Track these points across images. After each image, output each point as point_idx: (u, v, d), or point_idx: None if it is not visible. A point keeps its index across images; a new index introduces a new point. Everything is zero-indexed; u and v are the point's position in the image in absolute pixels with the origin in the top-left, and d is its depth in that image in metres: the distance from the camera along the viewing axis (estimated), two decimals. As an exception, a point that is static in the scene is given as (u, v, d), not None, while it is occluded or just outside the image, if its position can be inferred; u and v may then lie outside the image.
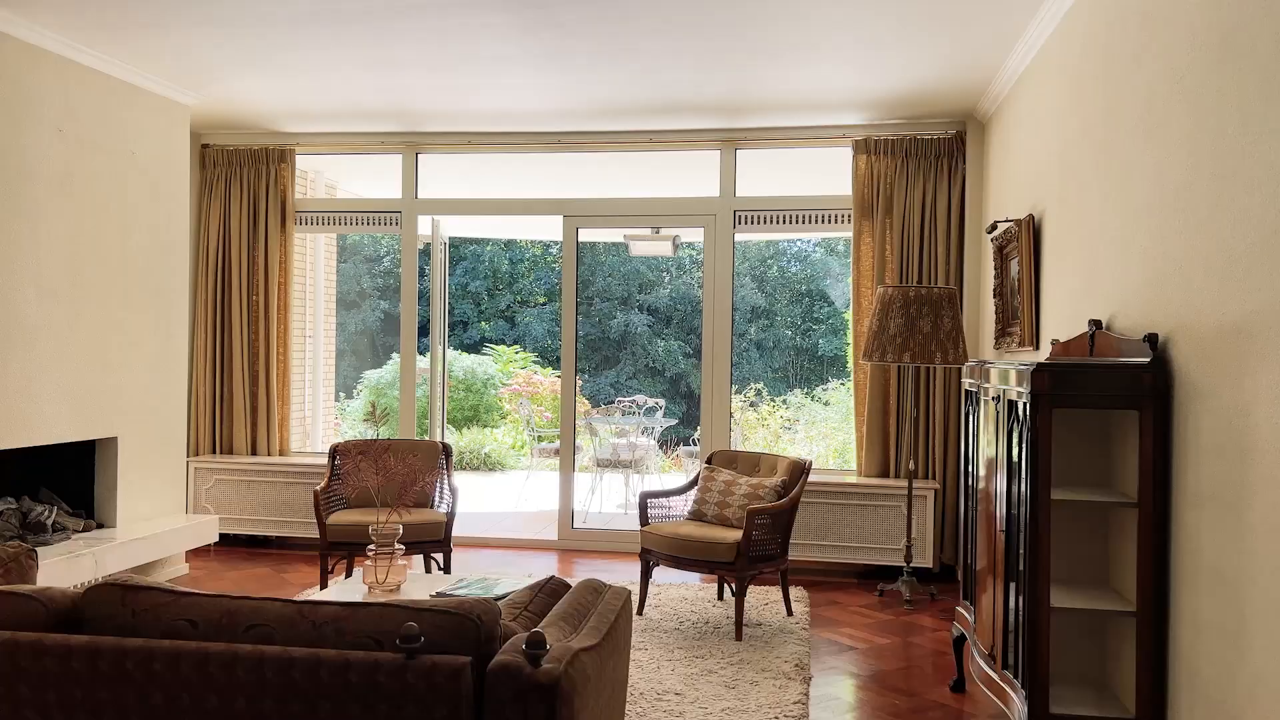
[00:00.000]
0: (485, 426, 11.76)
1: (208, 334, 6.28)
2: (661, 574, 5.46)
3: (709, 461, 4.99)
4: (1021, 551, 2.68)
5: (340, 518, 4.74)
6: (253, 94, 5.48)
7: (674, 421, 9.61)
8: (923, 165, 5.70)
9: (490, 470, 10.53)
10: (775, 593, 5.08)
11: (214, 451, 6.32)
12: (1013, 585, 2.79)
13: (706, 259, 6.13)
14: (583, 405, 12.78)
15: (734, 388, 6.46)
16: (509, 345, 15.17)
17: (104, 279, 4.82)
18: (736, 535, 4.36)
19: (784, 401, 12.77)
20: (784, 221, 6.03)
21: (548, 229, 9.43)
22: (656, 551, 4.54)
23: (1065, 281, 3.69)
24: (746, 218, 6.06)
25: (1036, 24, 4.05)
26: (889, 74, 4.89)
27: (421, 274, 6.70)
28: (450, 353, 12.07)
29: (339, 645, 1.73)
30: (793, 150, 6.07)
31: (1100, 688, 2.93)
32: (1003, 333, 4.57)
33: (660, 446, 9.72)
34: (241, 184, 6.31)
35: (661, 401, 9.16)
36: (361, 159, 6.66)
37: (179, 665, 1.64)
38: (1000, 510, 2.96)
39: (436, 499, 5.16)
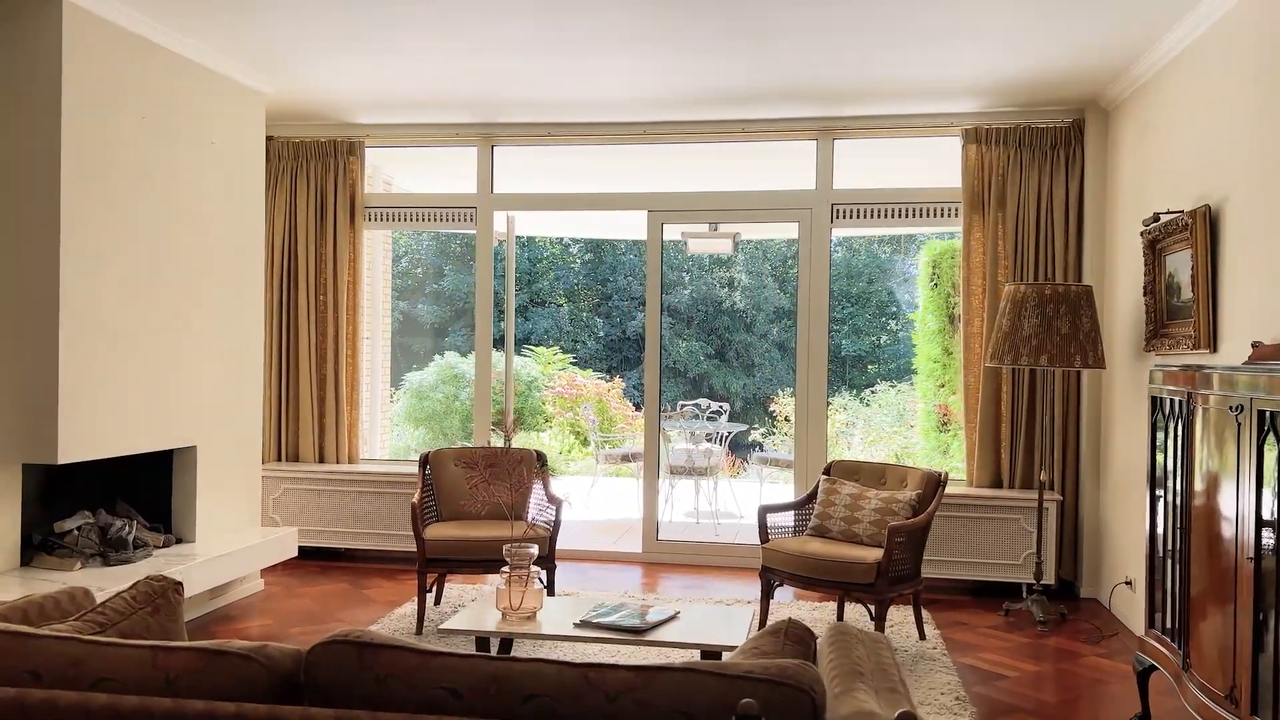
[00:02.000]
0: (531, 430, 11.45)
1: (273, 336, 5.96)
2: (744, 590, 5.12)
3: (827, 472, 4.65)
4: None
5: (438, 532, 4.42)
6: (328, 82, 5.16)
7: (743, 427, 9.28)
8: (1037, 156, 5.36)
9: (540, 476, 10.20)
10: (895, 613, 4.74)
11: (279, 459, 6.01)
12: (1272, 618, 2.46)
13: (802, 256, 5.80)
14: (628, 409, 12.47)
15: (789, 390, 6.15)
16: (542, 346, 14.85)
17: (182, 277, 4.50)
18: (873, 554, 4.03)
19: (840, 406, 12.44)
20: (886, 216, 5.70)
21: (625, 227, 9.10)
22: (780, 570, 4.22)
23: (1258, 277, 3.36)
24: (845, 212, 5.73)
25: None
26: (1010, 58, 4.57)
27: (441, 274, 6.37)
28: (492, 355, 11.74)
29: (638, 722, 1.41)
30: (894, 141, 5.73)
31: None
32: (1156, 334, 4.24)
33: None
34: (308, 178, 5.99)
35: (726, 406, 8.83)
36: (423, 153, 6.32)
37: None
38: (1242, 533, 2.62)
39: (533, 511, 4.83)
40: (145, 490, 4.65)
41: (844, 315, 19.08)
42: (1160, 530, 3.30)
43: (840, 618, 4.63)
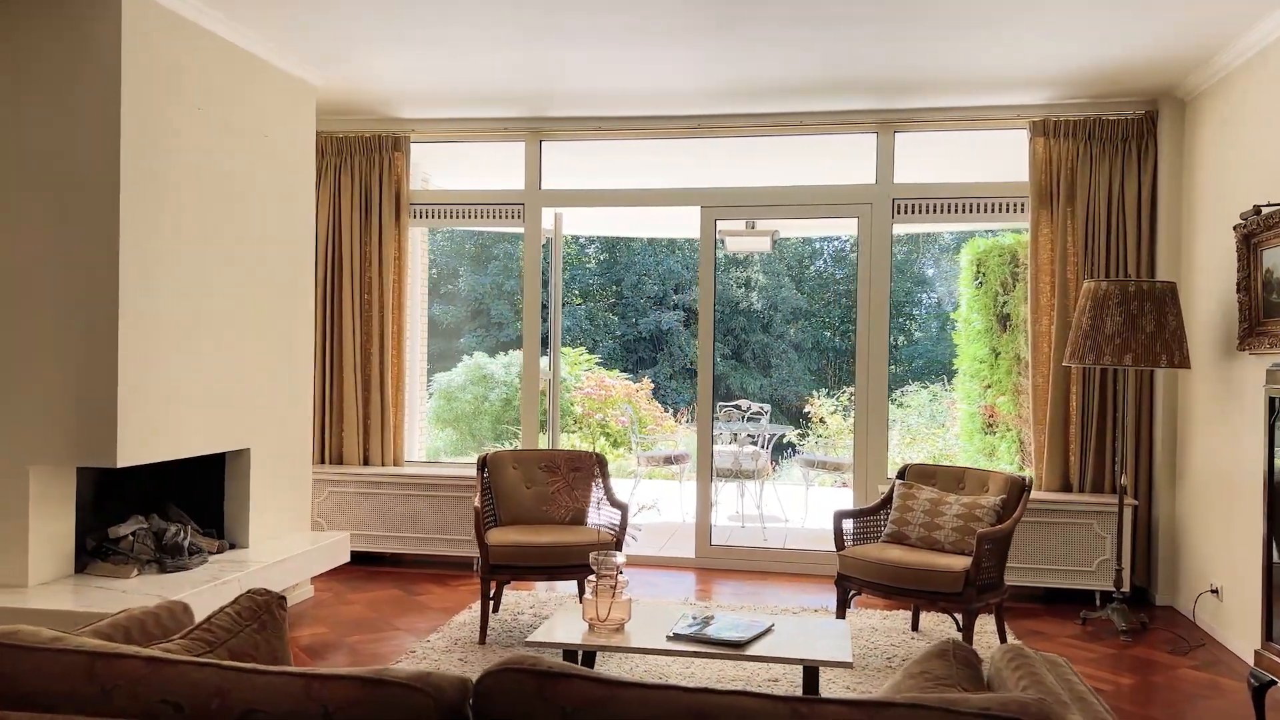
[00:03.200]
0: (563, 431, 11.30)
1: (316, 335, 5.82)
2: (808, 597, 4.95)
3: (901, 476, 4.49)
4: None
5: (500, 537, 4.27)
6: (377, 74, 5.02)
7: (786, 430, 9.11)
8: (1108, 149, 5.19)
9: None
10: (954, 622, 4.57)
11: (322, 461, 5.86)
12: None
13: (861, 253, 5.63)
14: (657, 410, 12.31)
15: (825, 390, 5.94)
16: (567, 346, 14.70)
17: (236, 275, 4.37)
18: (960, 562, 3.87)
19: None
20: (949, 211, 5.53)
21: (675, 225, 8.94)
22: (858, 579, 4.05)
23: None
24: (906, 207, 5.56)
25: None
26: (1082, 48, 4.41)
27: (444, 273, 6.22)
28: (519, 355, 11.58)
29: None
30: (957, 134, 5.57)
31: None
32: (1251, 332, 4.06)
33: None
34: (352, 173, 5.85)
35: (767, 407, 8.66)
36: (461, 149, 6.17)
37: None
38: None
39: (593, 515, 4.68)
40: (195, 494, 4.51)
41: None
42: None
43: (915, 628, 4.46)
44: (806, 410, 12.04)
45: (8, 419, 3.66)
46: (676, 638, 2.99)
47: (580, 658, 3.27)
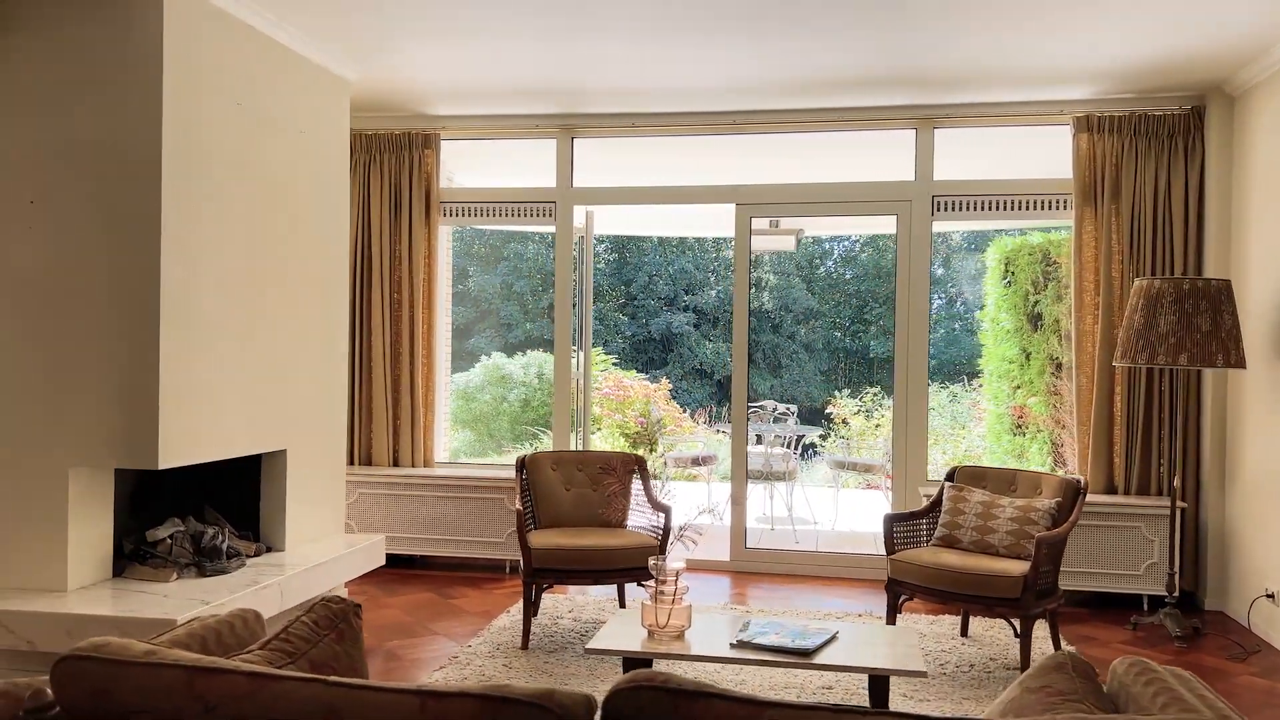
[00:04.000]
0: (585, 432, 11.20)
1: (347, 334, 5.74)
2: (850, 601, 4.87)
3: (951, 478, 4.40)
4: None
5: (543, 540, 4.18)
6: (409, 70, 4.95)
7: (818, 432, 9.01)
8: (1153, 145, 5.10)
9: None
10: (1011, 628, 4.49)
11: (351, 462, 5.79)
12: None
13: (900, 251, 5.54)
14: (675, 411, 12.22)
15: (846, 392, 5.86)
16: (592, 347, 14.61)
17: (275, 272, 4.29)
18: (1017, 567, 3.78)
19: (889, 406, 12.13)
20: (990, 208, 5.44)
21: (698, 223, 8.86)
22: (911, 583, 3.96)
23: None
24: (946, 204, 5.47)
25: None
26: (1130, 42, 4.32)
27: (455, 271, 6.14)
28: (538, 355, 11.51)
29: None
30: (997, 130, 5.48)
31: None
32: (1313, 331, 3.96)
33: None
34: (382, 171, 5.78)
35: (793, 408, 8.57)
36: (487, 147, 6.08)
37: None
38: None
39: (632, 517, 4.60)
40: (229, 495, 4.43)
41: (873, 317, 18.80)
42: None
43: (964, 633, 4.37)
44: (829, 411, 11.93)
45: (47, 420, 3.58)
46: (741, 645, 2.90)
47: (625, 664, 3.18)
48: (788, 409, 8.42)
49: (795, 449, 7.42)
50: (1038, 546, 3.71)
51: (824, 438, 10.81)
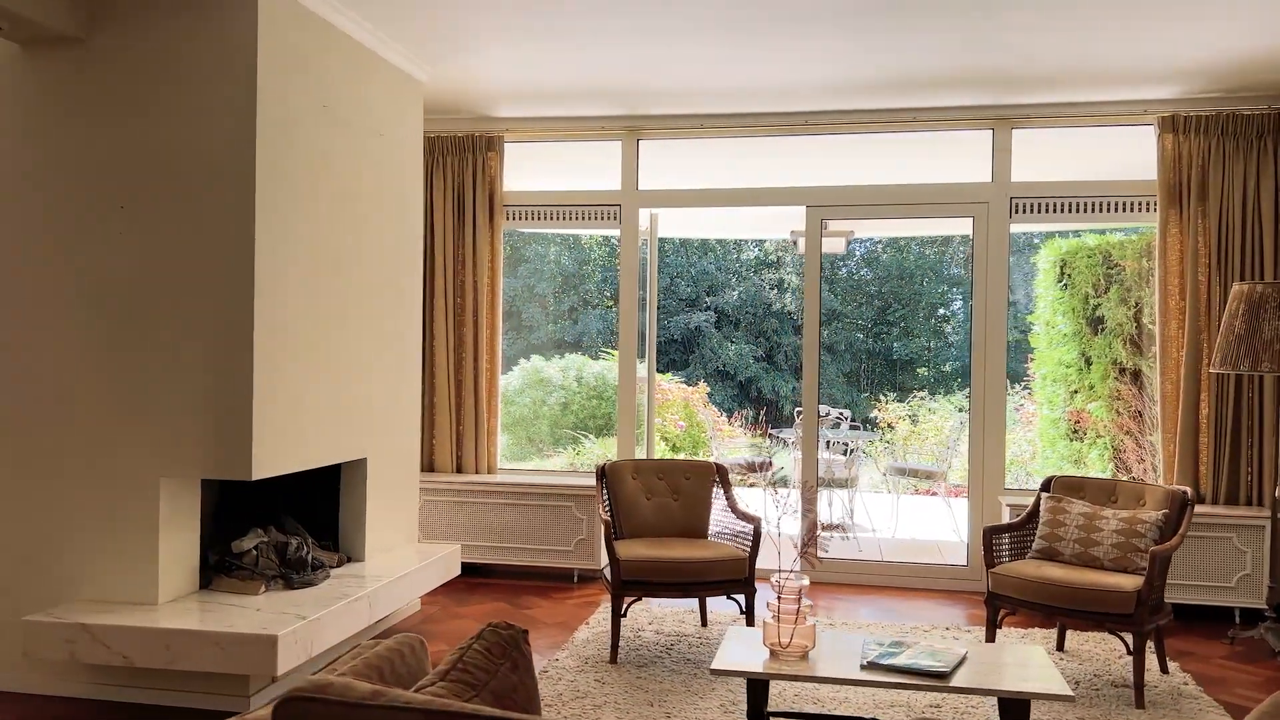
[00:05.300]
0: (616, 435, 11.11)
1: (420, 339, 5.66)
2: (928, 613, 4.75)
3: (1046, 488, 4.28)
4: None
5: (630, 551, 4.08)
6: (477, 71, 4.86)
7: (870, 435, 8.88)
8: (1241, 145, 4.96)
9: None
10: (1111, 641, 4.37)
11: (414, 469, 5.70)
12: None
13: (977, 254, 5.43)
14: (713, 415, 12.11)
15: (893, 396, 5.73)
16: (613, 348, 14.53)
17: (355, 276, 4.21)
18: (1130, 581, 3.66)
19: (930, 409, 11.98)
20: (1071, 210, 5.32)
21: (757, 226, 8.74)
22: (1014, 598, 3.84)
23: None
24: (1024, 206, 5.35)
25: None
26: (1220, 39, 4.19)
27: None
28: (578, 359, 11.43)
29: None
30: (1075, 130, 5.35)
31: None
32: None
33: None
34: (445, 174, 5.70)
35: (847, 413, 8.45)
36: (540, 149, 5.97)
37: None
38: None
39: (714, 528, 4.50)
40: (303, 505, 4.36)
41: (896, 318, 18.64)
42: None
43: (1061, 648, 4.25)
44: (873, 415, 11.80)
45: (139, 430, 3.51)
46: (872, 666, 2.80)
47: (748, 684, 3.08)
48: (842, 414, 8.30)
49: (855, 456, 7.30)
50: (1152, 560, 3.59)
51: (873, 443, 10.69)
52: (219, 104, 3.47)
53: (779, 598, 2.92)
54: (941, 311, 18.91)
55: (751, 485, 7.98)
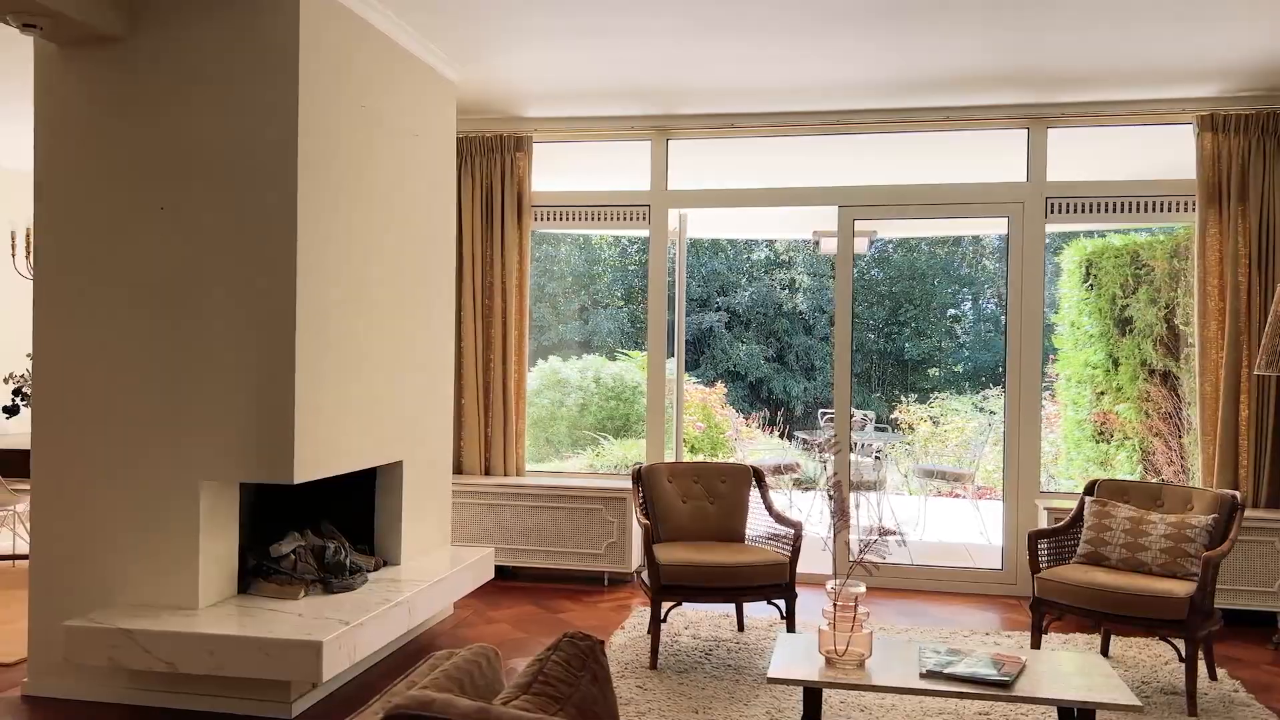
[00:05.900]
0: (640, 437, 11.08)
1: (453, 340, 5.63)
2: (964, 618, 4.69)
3: (1090, 492, 4.22)
4: None
5: (670, 555, 4.04)
6: (510, 70, 4.82)
7: (895, 436, 8.82)
8: (1281, 145, 4.90)
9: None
10: (1156, 647, 4.31)
11: (442, 471, 5.66)
12: None
13: (1012, 255, 5.37)
14: (731, 416, 12.06)
15: (913, 398, 5.66)
16: (638, 350, 14.49)
17: (391, 279, 4.17)
18: (1181, 587, 3.60)
19: (949, 409, 11.91)
20: (1108, 210, 5.25)
21: (793, 227, 8.68)
22: (1062, 603, 3.79)
23: None
24: (1060, 206, 5.29)
25: None
26: (1255, 37, 4.13)
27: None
28: (595, 360, 11.39)
29: None
30: (1112, 129, 5.29)
31: None
32: None
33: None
34: (474, 174, 5.66)
35: (872, 414, 8.39)
36: (563, 150, 5.93)
37: None
38: None
39: (751, 531, 4.45)
40: (338, 508, 4.32)
41: (907, 318, 18.56)
42: None
43: (1105, 653, 4.19)
44: (895, 416, 11.73)
45: (180, 433, 3.48)
46: (931, 675, 2.75)
47: (805, 692, 3.03)
48: (865, 415, 8.24)
49: (884, 458, 7.24)
50: (1204, 566, 3.53)
51: (894, 446, 10.63)
52: (261, 104, 3.44)
53: (834, 604, 2.87)
54: (952, 311, 18.83)
55: (775, 488, 7.94)
